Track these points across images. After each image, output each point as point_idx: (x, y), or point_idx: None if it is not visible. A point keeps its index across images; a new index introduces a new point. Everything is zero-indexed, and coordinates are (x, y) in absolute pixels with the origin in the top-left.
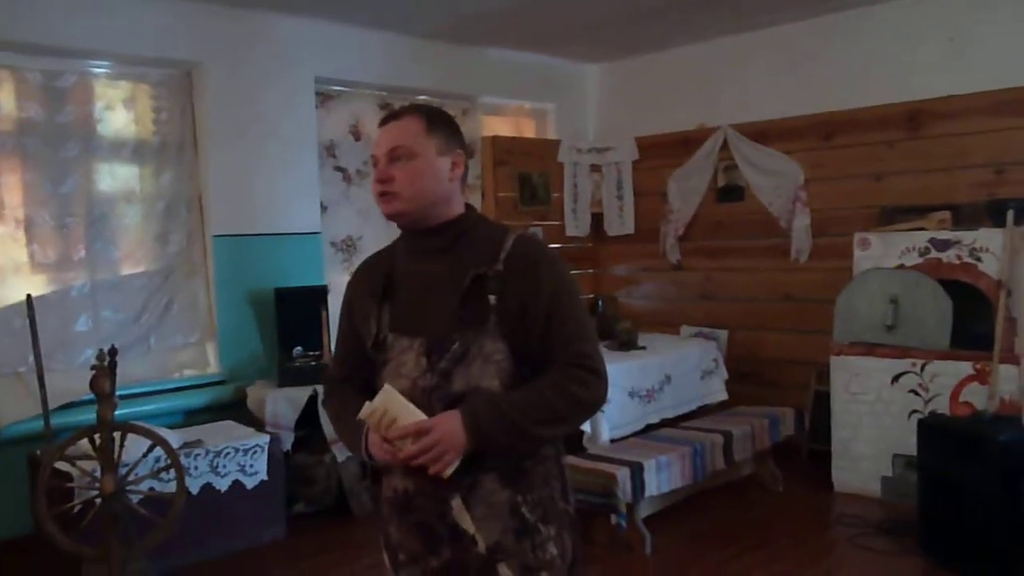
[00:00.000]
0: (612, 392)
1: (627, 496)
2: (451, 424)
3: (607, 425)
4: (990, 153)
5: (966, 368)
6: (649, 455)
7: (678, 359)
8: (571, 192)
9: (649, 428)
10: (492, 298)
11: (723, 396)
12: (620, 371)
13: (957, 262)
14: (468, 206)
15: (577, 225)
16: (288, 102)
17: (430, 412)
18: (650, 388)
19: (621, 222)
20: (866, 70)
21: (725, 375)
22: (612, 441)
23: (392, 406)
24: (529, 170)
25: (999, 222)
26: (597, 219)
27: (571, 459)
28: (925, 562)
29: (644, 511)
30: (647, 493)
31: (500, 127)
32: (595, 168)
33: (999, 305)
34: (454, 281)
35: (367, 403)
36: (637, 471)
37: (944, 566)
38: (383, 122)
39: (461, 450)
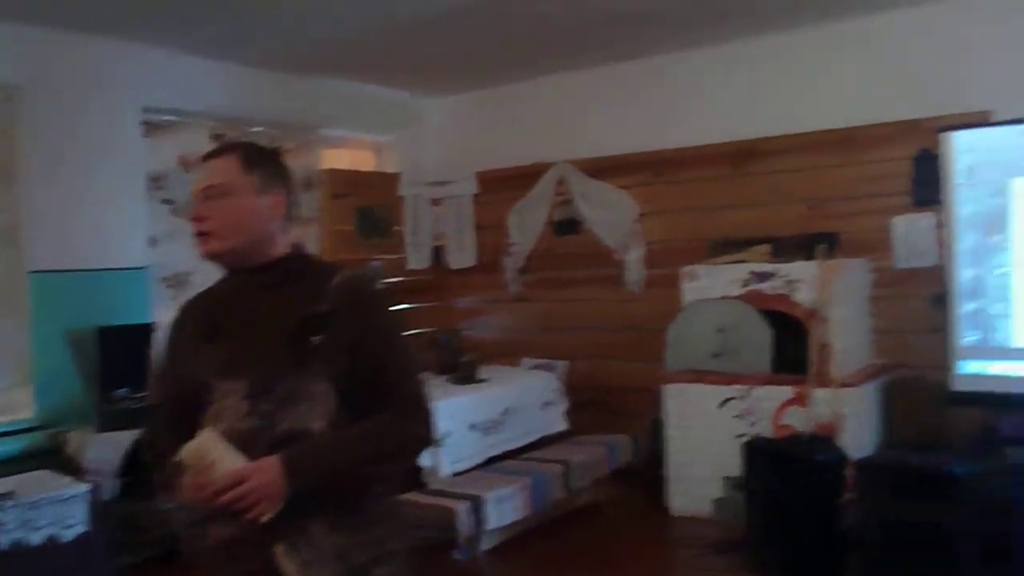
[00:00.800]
0: (453, 426)
1: (468, 530)
2: (269, 470)
3: (448, 459)
4: (806, 190)
5: (786, 392)
6: (490, 488)
7: (519, 391)
8: (412, 225)
9: (491, 460)
10: (318, 338)
11: (563, 426)
12: (461, 404)
13: (775, 292)
14: (295, 244)
15: (418, 258)
16: (114, 130)
17: (254, 456)
18: (491, 420)
19: (462, 255)
20: (696, 109)
21: (565, 405)
22: (454, 475)
23: (211, 450)
24: (369, 203)
25: (811, 255)
26: (439, 252)
27: (411, 495)
28: None
29: (486, 544)
30: (488, 526)
31: (341, 160)
32: (436, 201)
33: (813, 332)
34: (278, 321)
35: (185, 446)
36: (478, 504)
37: None
38: (203, 159)
39: (279, 497)
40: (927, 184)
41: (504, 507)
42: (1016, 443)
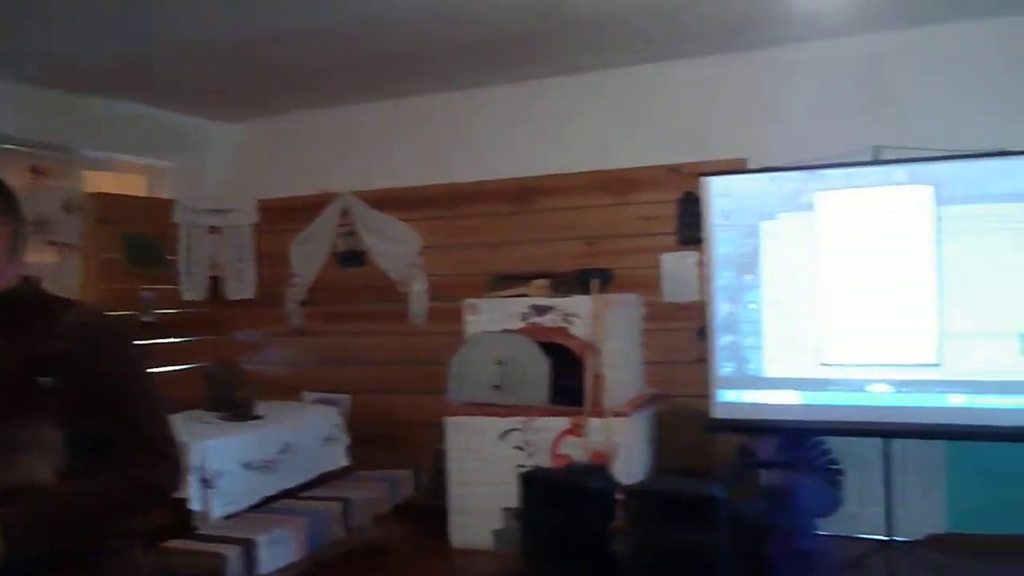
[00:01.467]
0: (224, 466)
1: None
2: None
3: (219, 501)
4: (583, 227)
5: (563, 423)
6: (263, 530)
7: (298, 427)
8: (186, 254)
9: (267, 500)
10: (46, 380)
11: (345, 462)
12: (235, 443)
13: (553, 325)
14: (25, 278)
15: (193, 289)
16: None
17: None
18: (267, 459)
19: (241, 286)
20: (480, 146)
21: (347, 441)
22: (225, 517)
23: None
24: (139, 230)
25: (587, 289)
26: (216, 283)
27: (177, 542)
28: None
29: None
30: (261, 571)
31: (108, 183)
32: (214, 230)
33: (588, 364)
34: (1, 363)
35: None
36: (249, 548)
37: None
38: None
39: None
40: (690, 225)
41: (278, 550)
42: (768, 466)
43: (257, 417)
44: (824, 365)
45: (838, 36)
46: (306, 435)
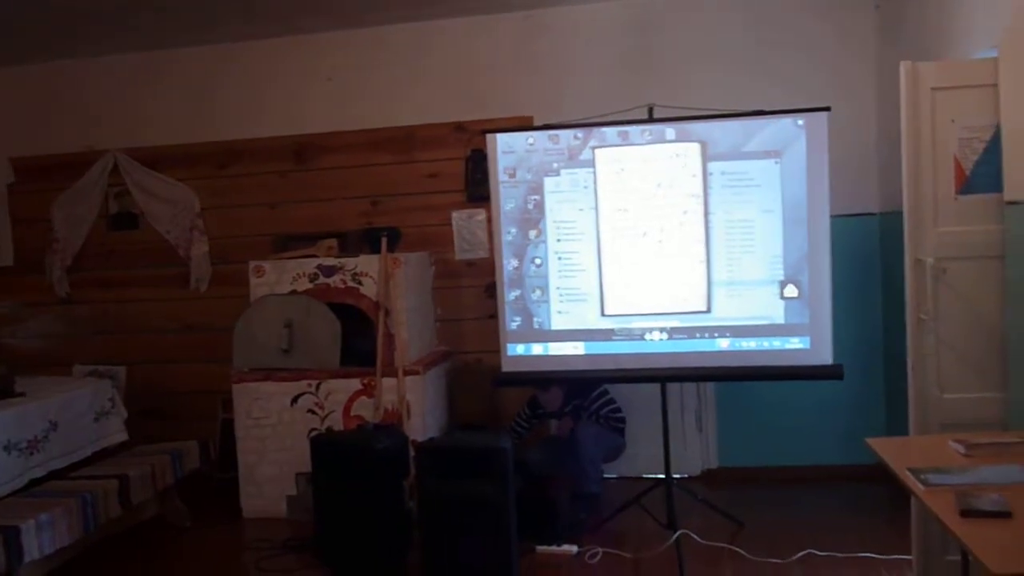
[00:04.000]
0: None
1: (2, 566)
2: None
3: None
4: (368, 186)
5: (355, 384)
6: (28, 515)
7: (66, 402)
8: None
9: (34, 483)
10: None
11: (123, 437)
12: None
13: (342, 286)
14: None
15: None
16: None
17: None
18: (32, 438)
19: None
20: (258, 102)
21: (124, 414)
22: None
23: None
24: None
25: (375, 248)
26: None
27: None
28: (327, 573)
29: None
30: (27, 558)
31: None
32: None
33: (379, 324)
34: None
35: None
36: (11, 536)
37: (344, 573)
38: None
39: None
40: (478, 182)
41: (45, 535)
42: (554, 416)
43: (19, 394)
44: (605, 316)
45: None
46: (76, 411)
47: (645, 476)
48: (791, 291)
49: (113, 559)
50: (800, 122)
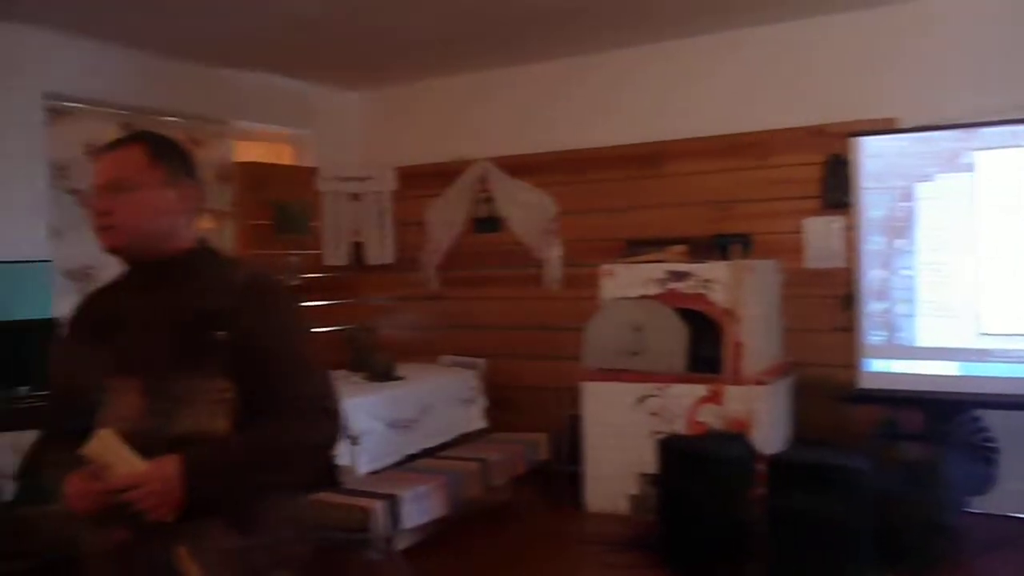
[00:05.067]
0: (369, 424)
1: (383, 530)
2: (167, 475)
3: (365, 457)
4: (718, 192)
5: (701, 390)
6: (406, 486)
7: (437, 388)
8: (330, 221)
9: (408, 459)
10: (219, 334)
11: (482, 424)
12: (377, 402)
13: (691, 292)
14: (200, 238)
15: (336, 254)
16: (11, 116)
17: (151, 456)
18: (409, 418)
19: (381, 252)
20: (613, 110)
21: (484, 403)
22: (369, 473)
23: (107, 451)
24: (286, 198)
25: (725, 255)
26: (357, 248)
27: (326, 494)
28: (666, 574)
29: (401, 544)
30: (404, 525)
31: (256, 152)
32: (355, 197)
33: (727, 331)
34: (178, 317)
35: (84, 448)
36: (393, 503)
37: None
38: (104, 149)
39: (177, 501)
40: (836, 188)
41: (420, 506)
42: (914, 439)
43: (399, 378)
44: (984, 335)
45: None
46: (445, 396)
47: (1016, 515)
48: None
49: (471, 536)
50: None
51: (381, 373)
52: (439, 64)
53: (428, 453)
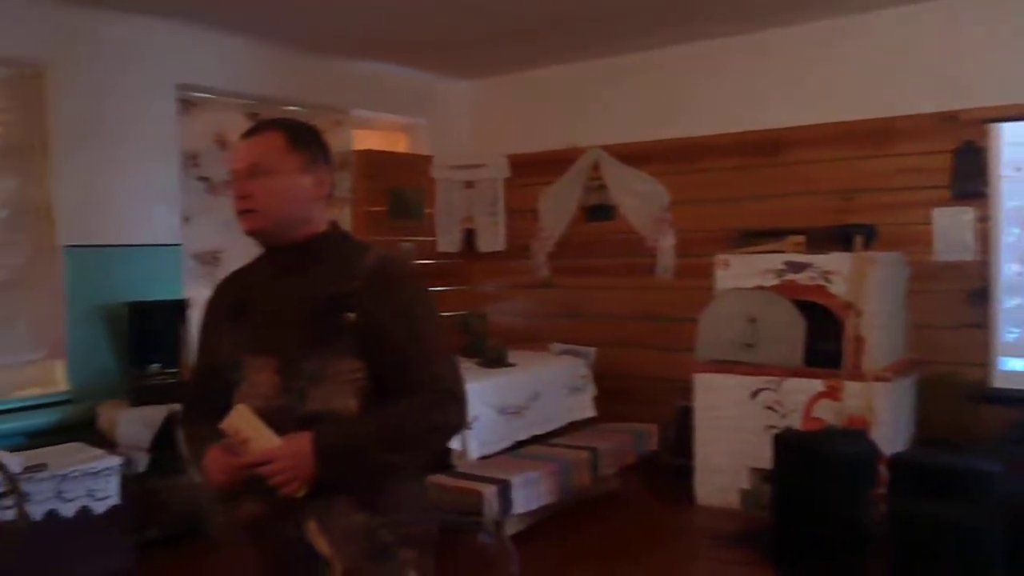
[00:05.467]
0: (481, 409)
1: (494, 513)
2: (300, 451)
3: (476, 442)
4: (839, 181)
5: (817, 385)
6: (517, 472)
7: (547, 376)
8: (443, 208)
9: (517, 445)
10: (350, 316)
11: (591, 413)
12: (489, 388)
13: (810, 284)
14: (333, 223)
15: (449, 241)
16: (146, 107)
17: (283, 433)
18: (519, 405)
19: (493, 239)
20: (727, 97)
21: (593, 392)
22: (480, 458)
23: (244, 427)
24: (401, 185)
25: (847, 246)
26: (469, 235)
27: (439, 477)
28: (777, 572)
29: (511, 528)
30: (514, 510)
31: (373, 141)
32: (468, 184)
33: (847, 325)
34: (311, 299)
35: (222, 423)
36: (505, 488)
37: (794, 575)
38: (243, 136)
39: (310, 477)
40: (969, 177)
41: (531, 492)
42: None
43: (510, 364)
44: None
45: None
46: (555, 384)
47: None
48: None
49: (579, 523)
50: None
51: (493, 359)
52: (551, 53)
53: (537, 440)
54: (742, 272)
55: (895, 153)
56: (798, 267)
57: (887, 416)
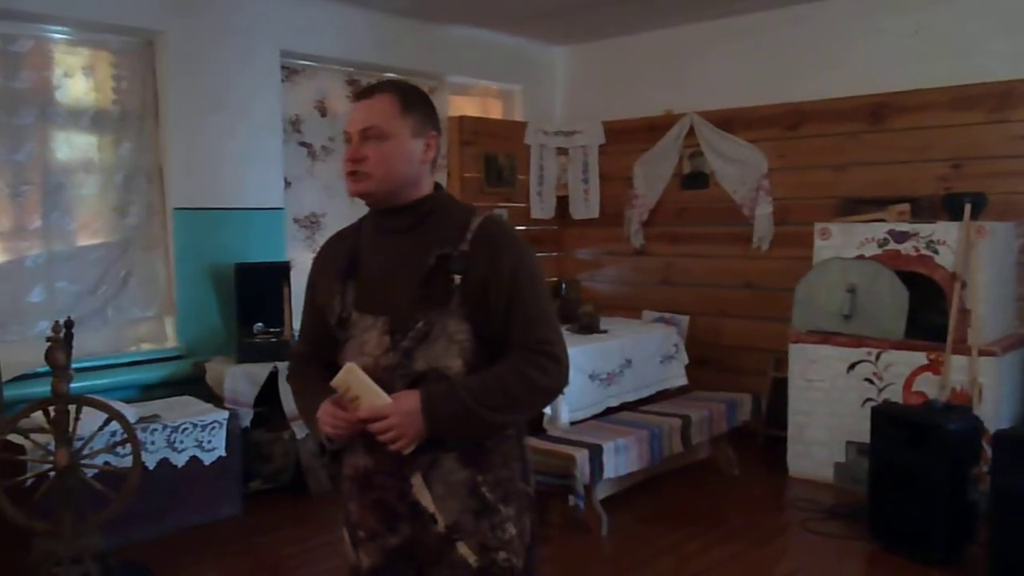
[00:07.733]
0: (573, 375)
1: (585, 478)
2: (410, 408)
3: (567, 407)
4: (948, 147)
5: (920, 358)
6: (608, 438)
7: (639, 343)
8: (537, 175)
9: (609, 411)
10: (456, 278)
11: (683, 381)
12: (581, 354)
13: (914, 254)
14: (437, 185)
15: (542, 208)
16: (253, 75)
17: (391, 391)
18: (610, 372)
19: (586, 206)
20: (831, 61)
21: (685, 360)
22: (572, 423)
23: (354, 384)
24: (495, 151)
25: (955, 216)
26: (562, 202)
27: (531, 440)
28: (873, 547)
29: (601, 493)
30: (605, 475)
31: (468, 107)
32: (561, 151)
33: (953, 297)
34: (419, 260)
35: (333, 380)
36: (596, 453)
37: (891, 551)
38: (357, 97)
39: (418, 434)
40: None
41: (622, 457)
42: None
43: (602, 331)
44: None
45: None
46: (646, 352)
47: None
48: None
49: (670, 490)
50: None
51: (586, 325)
52: (648, 17)
53: (628, 407)
54: (843, 242)
55: (1010, 119)
56: (902, 237)
57: (992, 392)
